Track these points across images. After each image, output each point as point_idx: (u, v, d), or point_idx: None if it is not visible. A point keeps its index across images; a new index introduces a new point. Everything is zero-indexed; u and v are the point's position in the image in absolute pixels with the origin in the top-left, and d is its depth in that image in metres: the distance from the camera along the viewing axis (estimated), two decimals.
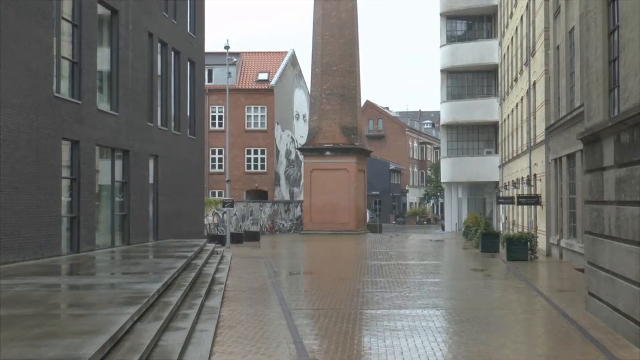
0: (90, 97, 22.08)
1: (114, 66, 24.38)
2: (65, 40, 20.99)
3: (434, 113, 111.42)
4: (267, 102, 59.18)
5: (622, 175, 11.36)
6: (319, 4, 53.54)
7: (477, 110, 56.22)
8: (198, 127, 34.12)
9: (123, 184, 25.22)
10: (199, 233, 34.08)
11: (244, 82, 60.03)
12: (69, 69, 21.16)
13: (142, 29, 26.58)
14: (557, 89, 27.46)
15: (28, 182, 18.32)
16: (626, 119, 10.86)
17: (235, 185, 54.85)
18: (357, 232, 51.01)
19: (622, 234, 11.38)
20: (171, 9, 30.23)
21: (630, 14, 10.96)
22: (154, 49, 28.00)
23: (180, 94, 31.24)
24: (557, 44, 27.50)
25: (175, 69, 30.75)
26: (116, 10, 24.20)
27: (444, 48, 58.37)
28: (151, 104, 27.77)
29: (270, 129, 59.26)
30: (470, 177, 57.05)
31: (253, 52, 64.04)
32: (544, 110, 29.48)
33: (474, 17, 58.15)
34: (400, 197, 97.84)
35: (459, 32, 59.52)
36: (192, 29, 33.27)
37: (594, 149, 13.32)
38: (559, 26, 26.89)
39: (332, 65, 52.74)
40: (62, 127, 20.20)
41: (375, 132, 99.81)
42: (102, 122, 23.01)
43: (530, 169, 33.27)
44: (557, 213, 27.58)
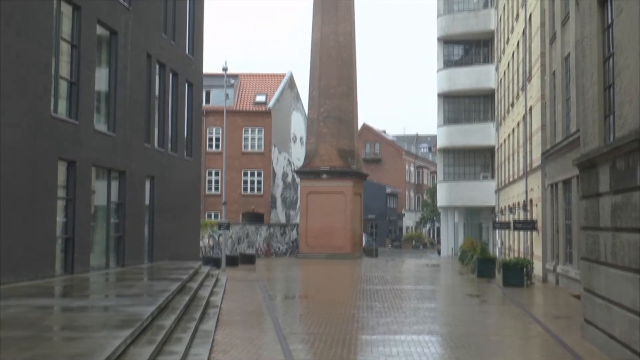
0: (88, 117, 22.08)
1: (112, 86, 24.41)
2: (64, 60, 21.04)
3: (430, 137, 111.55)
4: (264, 124, 59.26)
5: (617, 201, 11.36)
6: (317, 27, 53.78)
7: (474, 135, 56.33)
8: (195, 148, 34.12)
9: (119, 205, 25.17)
10: (195, 255, 33.98)
11: (242, 104, 60.14)
12: (67, 89, 21.18)
13: (140, 50, 26.65)
14: (553, 114, 27.54)
15: (24, 202, 18.28)
16: (622, 145, 10.88)
17: (232, 208, 54.78)
18: (353, 255, 50.90)
19: (618, 260, 11.36)
20: (170, 30, 30.34)
21: (624, 42, 11.01)
22: (152, 70, 28.06)
23: (177, 115, 31.27)
24: (553, 69, 27.63)
25: (173, 90, 30.80)
26: (115, 31, 24.27)
27: (441, 72, 58.59)
28: (148, 125, 27.79)
29: (267, 151, 59.29)
30: (466, 201, 57.04)
31: (251, 74, 64.22)
32: (540, 135, 29.55)
33: (471, 42, 58.44)
34: (397, 221, 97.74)
35: (456, 56, 59.78)
36: (191, 50, 33.37)
37: (589, 175, 13.34)
38: (555, 52, 27.02)
39: (329, 88, 52.88)
40: (59, 147, 20.19)
41: (372, 156, 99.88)
42: (99, 143, 23.00)
43: (527, 194, 33.29)
44: (553, 239, 27.56)
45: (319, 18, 53.78)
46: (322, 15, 53.64)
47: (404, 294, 24.11)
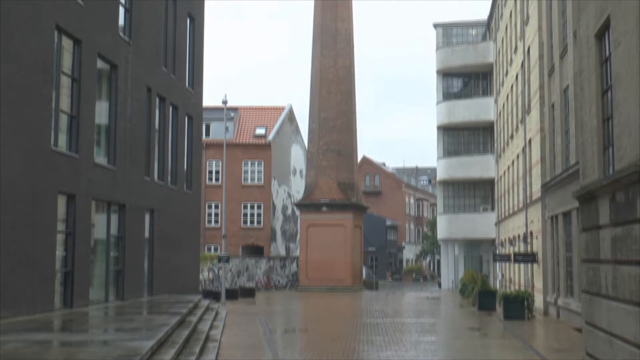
0: (88, 150, 22.12)
1: (112, 120, 24.48)
2: (65, 94, 21.12)
3: (430, 169, 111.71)
4: (264, 157, 59.38)
5: (618, 234, 11.34)
6: (317, 60, 54.09)
7: (474, 167, 56.42)
8: (195, 181, 34.14)
9: (118, 239, 25.13)
10: (194, 289, 33.84)
11: (241, 137, 60.31)
12: (67, 123, 21.23)
13: (141, 84, 26.78)
14: (552, 146, 27.60)
15: (23, 236, 18.24)
16: (621, 178, 10.88)
17: (231, 241, 54.69)
18: (353, 288, 50.72)
19: (619, 293, 11.31)
20: (170, 64, 30.50)
21: (623, 75, 11.07)
22: (152, 104, 28.17)
23: (177, 148, 31.33)
24: (552, 102, 27.74)
25: (173, 123, 30.89)
26: (115, 64, 24.40)
27: (441, 105, 58.85)
28: (148, 158, 27.83)
29: (267, 184, 59.34)
30: (466, 234, 56.96)
31: (251, 107, 64.49)
32: (540, 167, 29.58)
33: (470, 74, 58.78)
34: (397, 253, 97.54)
35: (455, 89, 60.09)
36: (191, 83, 33.53)
37: (589, 207, 13.33)
38: (554, 85, 27.15)
39: (329, 121, 53.07)
40: (59, 180, 20.20)
41: (371, 188, 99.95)
42: (99, 176, 23.02)
43: (527, 226, 33.25)
44: (554, 271, 27.48)
45: (318, 51, 54.11)
46: (322, 48, 53.98)
47: (404, 327, 23.99)
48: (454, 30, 61.36)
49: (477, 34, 61.33)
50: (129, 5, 25.77)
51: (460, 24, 61.97)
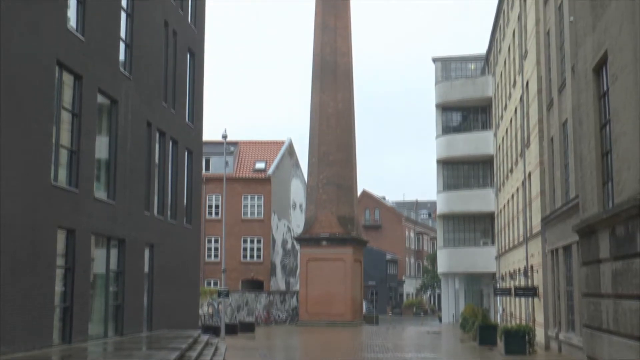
0: (88, 185, 22.13)
1: (112, 155, 24.52)
2: (65, 129, 21.17)
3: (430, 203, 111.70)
4: (264, 192, 59.40)
5: (618, 268, 11.31)
6: (317, 95, 54.33)
7: (473, 201, 56.41)
8: (194, 216, 34.11)
9: (118, 274, 25.04)
10: (194, 323, 33.65)
11: (241, 171, 60.39)
12: (67, 158, 21.26)
13: (141, 119, 26.86)
14: (552, 180, 27.62)
15: (22, 271, 18.17)
16: (621, 212, 10.89)
17: (231, 275, 54.50)
18: (354, 323, 50.45)
19: (620, 328, 11.26)
20: (170, 99, 30.63)
21: (620, 109, 11.12)
22: (152, 138, 28.24)
23: (177, 182, 31.35)
24: (551, 135, 27.80)
25: (173, 158, 30.94)
26: (116, 99, 24.50)
27: (440, 139, 59.00)
28: (148, 193, 27.83)
29: (266, 218, 59.29)
30: (467, 268, 56.79)
31: (250, 142, 64.65)
32: (540, 201, 29.57)
33: (469, 108, 59.00)
34: (397, 287, 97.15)
35: (455, 123, 60.29)
36: (191, 118, 33.63)
37: (589, 241, 13.31)
38: (553, 118, 27.24)
39: (328, 155, 53.16)
40: (59, 215, 20.18)
41: (371, 222, 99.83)
42: (99, 211, 23.00)
43: (527, 260, 33.15)
44: (555, 305, 27.35)
45: (318, 85, 54.38)
46: (321, 82, 54.25)
47: None
48: (453, 65, 61.74)
49: (476, 68, 61.68)
50: (130, 41, 25.95)
51: (459, 58, 62.36)
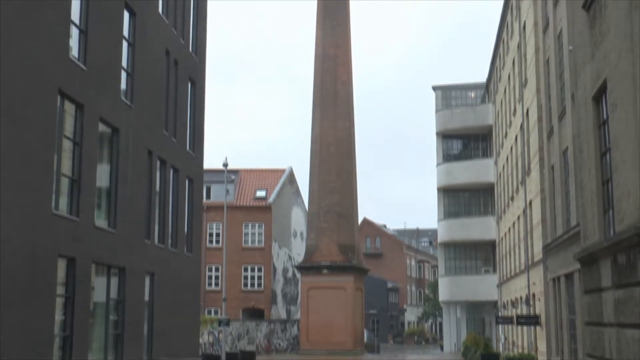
0: (89, 214, 22.12)
1: (112, 183, 24.53)
2: (66, 157, 21.20)
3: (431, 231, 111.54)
4: (264, 220, 59.36)
5: (620, 296, 11.26)
6: (317, 123, 54.48)
7: (474, 229, 56.34)
8: (195, 244, 34.05)
9: (118, 302, 24.94)
10: (194, 352, 33.47)
11: (242, 200, 60.38)
12: (68, 186, 21.27)
13: (142, 147, 26.91)
14: (553, 208, 27.59)
15: (22, 300, 18.10)
16: (622, 240, 10.86)
17: (232, 304, 54.30)
18: (355, 352, 50.17)
19: (623, 357, 11.19)
20: (171, 127, 30.70)
21: (620, 138, 11.13)
22: (153, 167, 28.27)
23: (178, 211, 31.33)
24: (551, 163, 27.82)
25: (173, 186, 30.96)
26: (117, 128, 24.56)
27: (441, 167, 59.07)
28: (149, 221, 27.81)
29: (267, 246, 59.19)
30: (468, 296, 56.58)
31: (251, 170, 64.73)
32: (541, 229, 29.52)
33: (470, 136, 59.14)
34: (398, 316, 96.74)
35: (455, 151, 60.41)
36: (192, 146, 33.70)
37: (591, 270, 13.27)
38: (553, 146, 27.26)
39: (329, 183, 53.19)
40: (59, 244, 20.15)
41: (372, 250, 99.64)
42: (99, 239, 22.97)
43: (529, 288, 33.04)
44: (557, 334, 27.19)
45: (318, 114, 54.54)
46: (322, 111, 54.42)
47: None
48: (453, 93, 61.95)
49: (476, 97, 61.90)
50: (131, 70, 26.07)
51: (459, 87, 62.60)
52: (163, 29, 29.72)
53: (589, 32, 13.23)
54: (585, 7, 13.33)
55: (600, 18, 12.20)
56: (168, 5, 30.55)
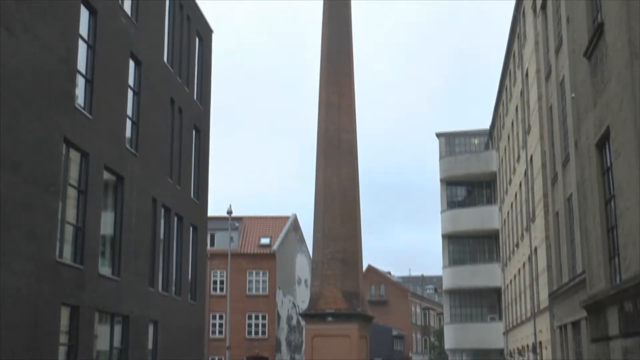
0: (92, 262, 22.08)
1: (117, 231, 24.53)
2: (71, 205, 21.25)
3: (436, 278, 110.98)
4: (269, 267, 59.14)
5: (628, 345, 11.16)
6: (321, 170, 54.49)
7: (480, 276, 56.01)
8: (199, 292, 33.91)
9: (121, 351, 24.75)
10: None
11: (246, 247, 60.23)
12: (73, 234, 21.28)
13: (146, 195, 26.96)
14: (558, 255, 27.47)
15: (24, 348, 17.98)
16: (628, 288, 10.81)
17: (236, 352, 53.82)
18: None
19: None
20: (176, 175, 30.79)
21: (624, 185, 11.14)
22: (157, 214, 28.29)
23: (182, 258, 31.27)
24: (556, 210, 27.77)
25: (177, 234, 30.94)
26: (122, 176, 24.63)
27: (445, 213, 58.95)
28: (153, 269, 27.74)
29: (271, 294, 58.87)
30: (474, 344, 56.04)
31: (255, 217, 64.65)
32: (547, 276, 29.36)
33: (474, 183, 59.11)
34: None
35: (459, 197, 60.34)
36: (196, 194, 33.75)
37: (598, 318, 13.17)
38: (557, 193, 27.25)
39: (333, 230, 52.98)
40: (63, 292, 20.07)
41: (377, 298, 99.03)
42: (103, 288, 22.89)
43: (536, 336, 32.74)
44: None
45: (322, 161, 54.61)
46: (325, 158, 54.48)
47: None
48: (457, 140, 62.08)
49: (479, 143, 62.03)
50: (136, 118, 26.25)
51: (463, 134, 62.76)
52: (168, 78, 29.99)
53: (590, 80, 13.32)
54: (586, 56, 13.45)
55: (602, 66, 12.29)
56: (173, 54, 30.87)
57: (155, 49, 28.54)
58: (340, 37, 55.20)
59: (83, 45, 21.87)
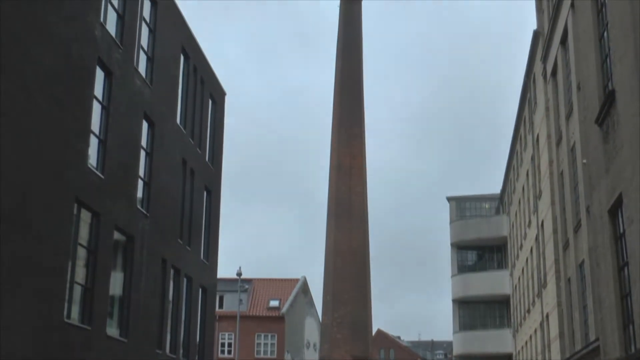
0: (100, 322, 21.91)
1: (126, 291, 24.40)
2: (80, 265, 21.19)
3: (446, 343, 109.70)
4: (277, 330, 58.62)
5: None
6: (332, 233, 54.42)
7: (491, 342, 55.31)
8: (207, 354, 33.54)
9: None
10: None
11: (255, 309, 59.82)
12: (81, 294, 21.16)
13: (156, 256, 26.90)
14: (570, 322, 27.14)
15: None
16: None
17: None
18: None
19: None
20: (186, 236, 30.75)
21: (638, 252, 11.05)
22: (166, 275, 28.18)
23: (190, 320, 31.03)
24: (568, 276, 27.54)
25: (186, 295, 30.77)
26: (132, 236, 24.62)
27: (455, 278, 58.56)
28: (161, 330, 27.51)
29: (280, 357, 58.22)
30: None
31: (264, 279, 64.37)
32: (559, 343, 28.96)
33: (484, 247, 58.83)
34: None
35: (470, 262, 60.00)
36: (206, 255, 33.66)
37: None
38: (569, 259, 27.04)
39: (343, 294, 52.68)
40: (70, 353, 19.87)
41: None
42: (111, 349, 22.66)
43: None
44: None
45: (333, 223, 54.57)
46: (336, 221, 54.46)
47: None
48: (467, 204, 62.04)
49: (490, 207, 61.94)
50: (148, 179, 26.34)
51: (474, 198, 62.73)
52: (180, 139, 30.20)
53: (602, 147, 13.33)
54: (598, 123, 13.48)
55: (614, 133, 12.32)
56: (186, 115, 31.14)
57: (169, 111, 28.81)
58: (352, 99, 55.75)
59: (97, 106, 22.10)
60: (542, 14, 33.03)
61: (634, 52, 10.95)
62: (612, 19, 12.59)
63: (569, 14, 24.49)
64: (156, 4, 27.28)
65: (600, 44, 14.13)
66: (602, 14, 14.02)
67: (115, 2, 23.48)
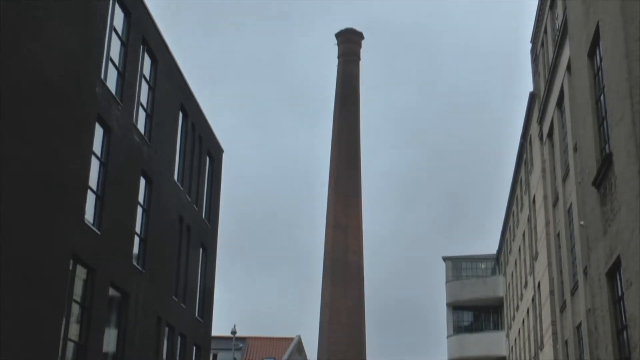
0: None
1: (119, 348, 24.12)
2: (74, 321, 20.97)
3: None
4: None
5: None
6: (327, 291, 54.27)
7: None
8: None
9: None
10: None
11: None
12: (74, 351, 20.92)
13: (151, 313, 26.68)
14: None
15: None
16: None
17: None
18: None
19: None
20: (181, 293, 30.55)
21: (637, 315, 10.99)
22: (161, 333, 27.90)
23: None
24: (565, 338, 27.34)
25: (180, 353, 30.43)
26: (127, 293, 24.43)
27: (451, 338, 58.09)
28: None
29: None
30: None
31: (259, 337, 63.67)
32: None
33: (480, 308, 58.50)
34: None
35: (466, 322, 59.60)
36: (200, 313, 33.41)
37: None
38: (566, 321, 26.89)
39: (339, 354, 52.31)
40: None
41: None
42: None
43: None
44: None
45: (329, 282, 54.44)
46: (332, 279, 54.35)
47: None
48: (464, 264, 61.88)
49: (486, 268, 61.75)
50: (144, 235, 26.28)
51: (470, 258, 62.60)
52: (177, 196, 30.22)
53: (600, 209, 13.36)
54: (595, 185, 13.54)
55: (611, 196, 12.36)
56: (184, 172, 31.22)
57: (167, 167, 28.88)
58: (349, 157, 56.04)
59: (95, 161, 22.15)
60: (538, 77, 33.44)
61: (630, 116, 11.06)
62: (608, 83, 12.75)
63: (565, 77, 24.80)
64: (156, 62, 27.57)
65: (597, 107, 14.28)
66: (598, 77, 14.20)
67: (115, 59, 23.73)
